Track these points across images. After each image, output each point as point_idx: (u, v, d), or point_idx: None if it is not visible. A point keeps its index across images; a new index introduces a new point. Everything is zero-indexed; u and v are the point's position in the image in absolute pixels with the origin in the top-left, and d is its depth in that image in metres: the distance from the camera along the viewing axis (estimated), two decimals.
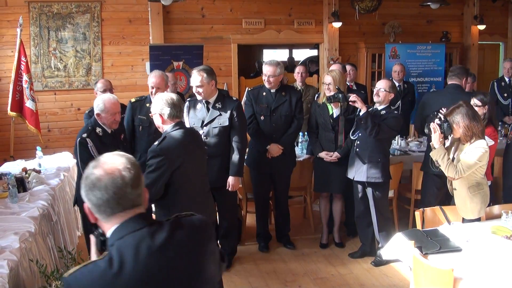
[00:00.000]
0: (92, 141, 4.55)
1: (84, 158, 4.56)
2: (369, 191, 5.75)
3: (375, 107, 5.69)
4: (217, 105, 5.39)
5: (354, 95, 5.55)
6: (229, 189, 5.45)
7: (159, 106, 4.11)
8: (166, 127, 4.15)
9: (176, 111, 4.12)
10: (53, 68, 8.70)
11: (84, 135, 4.57)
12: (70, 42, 8.70)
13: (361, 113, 5.48)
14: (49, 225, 5.00)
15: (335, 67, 6.65)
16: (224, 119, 5.36)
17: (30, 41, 8.48)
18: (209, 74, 5.25)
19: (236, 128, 5.40)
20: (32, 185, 5.52)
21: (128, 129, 5.67)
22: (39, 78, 8.60)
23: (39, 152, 6.52)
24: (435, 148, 4.68)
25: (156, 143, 4.06)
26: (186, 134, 4.17)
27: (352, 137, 5.81)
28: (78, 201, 4.92)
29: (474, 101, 5.35)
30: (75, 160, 6.12)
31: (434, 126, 4.67)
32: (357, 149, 5.71)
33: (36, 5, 8.44)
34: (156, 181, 3.97)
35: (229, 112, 5.36)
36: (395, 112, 5.64)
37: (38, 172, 5.96)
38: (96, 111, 4.65)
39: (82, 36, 8.74)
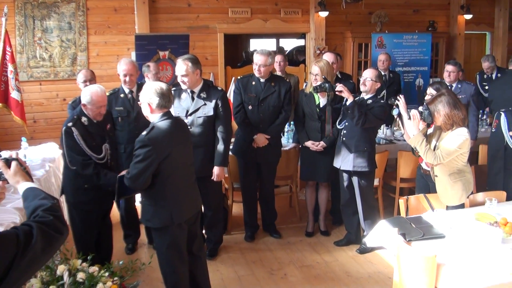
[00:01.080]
0: (77, 130, 4.53)
1: (70, 147, 4.56)
2: (355, 180, 5.78)
3: (361, 96, 5.71)
4: (202, 94, 5.38)
5: (341, 84, 5.56)
6: (214, 179, 5.45)
7: (148, 95, 4.11)
8: (154, 117, 4.15)
9: (164, 101, 4.12)
10: (39, 58, 8.62)
11: (70, 124, 4.54)
12: (55, 32, 8.63)
13: (347, 103, 5.49)
14: None
15: (327, 56, 6.63)
16: (208, 109, 5.35)
17: (15, 31, 8.38)
18: (194, 63, 5.23)
19: (221, 118, 5.39)
20: None
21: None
22: (25, 68, 8.52)
23: (24, 143, 6.48)
24: (413, 135, 4.73)
25: (144, 133, 4.05)
26: (174, 124, 4.17)
27: (338, 127, 5.82)
28: (65, 191, 4.92)
29: (430, 90, 5.40)
30: (60, 151, 6.11)
31: (413, 113, 4.72)
32: (344, 138, 5.73)
33: None
34: (144, 171, 3.99)
35: (214, 101, 5.35)
36: (381, 101, 5.67)
37: (23, 163, 5.91)
38: (82, 102, 4.63)
39: (68, 25, 8.67)
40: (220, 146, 5.39)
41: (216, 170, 5.44)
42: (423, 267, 3.56)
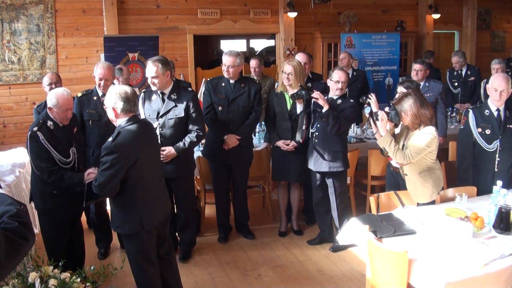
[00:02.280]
0: (43, 135, 4.47)
1: (36, 153, 4.50)
2: (329, 180, 5.81)
3: (330, 96, 5.74)
4: (172, 96, 5.35)
5: (318, 92, 5.57)
6: (164, 154, 5.27)
7: (112, 100, 4.04)
8: (119, 121, 4.09)
9: (129, 105, 4.05)
10: (7, 61, 8.49)
11: (35, 129, 4.48)
12: (24, 34, 8.51)
13: (323, 110, 5.51)
14: None
15: (300, 56, 6.64)
16: (179, 110, 5.33)
17: None
18: (164, 64, 5.21)
19: (193, 119, 5.36)
20: None
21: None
22: None
23: None
24: (381, 136, 4.78)
25: (110, 139, 3.98)
26: (140, 128, 4.11)
27: (311, 130, 5.85)
28: (34, 197, 4.85)
29: (401, 89, 5.47)
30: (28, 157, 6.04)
31: (381, 114, 4.77)
32: (316, 140, 5.75)
33: None
34: (112, 179, 3.93)
35: (184, 103, 5.32)
36: (351, 101, 5.70)
37: None
38: (48, 105, 4.56)
39: (36, 27, 8.56)
40: (189, 140, 5.33)
41: (170, 149, 5.31)
42: (394, 263, 3.60)
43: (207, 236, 6.45)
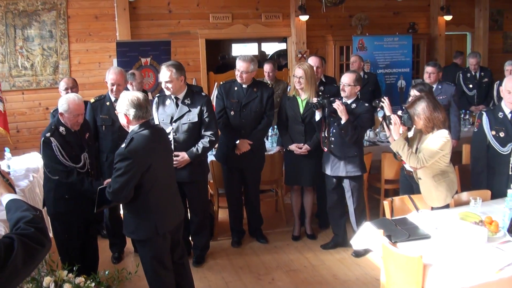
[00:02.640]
0: (56, 140, 4.49)
1: (50, 157, 4.52)
2: (346, 184, 5.79)
3: (344, 101, 5.72)
4: (186, 101, 5.37)
5: (339, 102, 5.54)
6: (177, 160, 5.28)
7: (124, 106, 4.06)
8: (132, 127, 4.11)
9: (142, 112, 4.06)
10: (20, 67, 8.57)
11: (48, 134, 4.49)
12: (36, 40, 8.58)
13: (342, 122, 5.50)
14: None
15: (312, 60, 6.63)
16: (193, 115, 5.33)
17: None
18: (178, 69, 5.22)
19: (206, 124, 5.37)
20: None
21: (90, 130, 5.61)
22: (7, 77, 8.47)
23: (7, 154, 6.40)
24: (394, 140, 4.76)
25: (123, 145, 4.01)
26: (153, 134, 4.12)
27: (327, 135, 5.83)
28: (46, 202, 4.87)
29: (414, 92, 5.42)
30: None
31: (394, 118, 4.75)
32: (332, 146, 5.74)
33: (2, 3, 8.30)
34: (126, 185, 3.95)
35: (198, 107, 5.33)
36: (366, 104, 5.67)
37: (7, 173, 5.86)
38: (59, 111, 4.58)
39: (49, 33, 8.63)
40: (202, 145, 5.34)
41: (183, 155, 5.32)
42: (409, 268, 3.57)
43: (220, 240, 6.45)
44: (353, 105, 5.67)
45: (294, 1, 9.85)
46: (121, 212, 5.63)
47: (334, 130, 5.69)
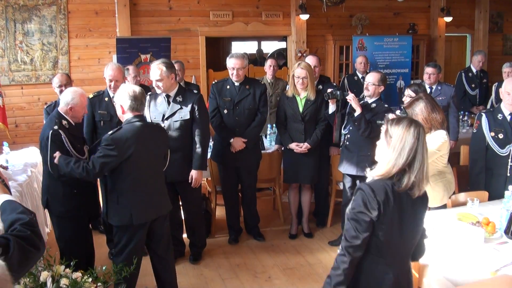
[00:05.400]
0: (63, 133, 4.51)
1: (59, 151, 4.51)
2: (358, 183, 5.80)
3: (365, 100, 5.74)
4: (177, 98, 5.37)
5: (352, 95, 5.59)
6: (192, 183, 5.43)
7: (121, 97, 4.29)
8: (125, 118, 4.31)
9: (136, 104, 4.29)
10: (20, 61, 8.55)
11: (56, 127, 4.47)
12: (36, 35, 8.56)
13: (355, 114, 5.52)
14: None
15: (310, 59, 6.63)
16: (185, 113, 5.34)
17: None
18: (168, 67, 5.23)
19: (198, 121, 5.38)
20: None
21: (88, 125, 5.62)
22: (6, 72, 8.45)
23: (5, 148, 6.39)
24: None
25: (110, 132, 4.23)
26: (143, 127, 4.32)
27: (343, 132, 5.85)
28: (52, 201, 4.72)
29: (408, 92, 5.41)
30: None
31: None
32: (347, 143, 5.77)
33: None
34: (102, 167, 4.17)
35: (190, 105, 5.34)
36: (386, 105, 5.67)
37: (5, 168, 5.84)
38: (69, 105, 4.57)
39: (49, 28, 8.61)
40: (198, 150, 5.39)
41: (194, 173, 5.42)
42: None
43: (217, 237, 6.46)
44: (373, 105, 5.68)
45: (295, 0, 9.83)
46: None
47: (351, 128, 5.70)
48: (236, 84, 5.96)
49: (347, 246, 2.86)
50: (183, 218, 5.82)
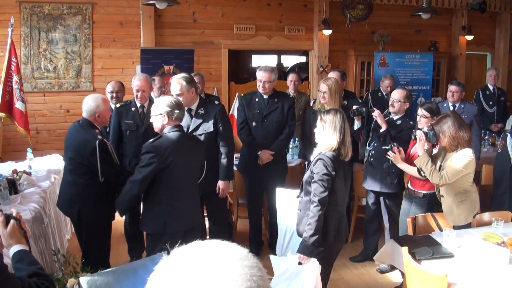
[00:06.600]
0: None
1: (103, 160, 4.56)
2: (382, 200, 5.80)
3: (391, 116, 5.74)
4: (199, 111, 5.39)
5: (378, 111, 5.60)
6: (220, 193, 5.45)
7: (166, 107, 4.27)
8: (166, 128, 4.31)
9: (181, 113, 4.36)
10: (43, 69, 8.65)
11: (100, 137, 4.58)
12: (60, 44, 8.66)
13: (381, 130, 5.53)
14: (40, 228, 4.96)
15: (333, 74, 6.65)
16: (208, 125, 5.36)
17: (21, 42, 8.42)
18: (189, 82, 5.21)
19: (222, 133, 5.40)
20: (23, 187, 5.48)
21: (114, 135, 5.68)
22: (29, 79, 8.54)
23: (29, 154, 6.46)
24: (419, 156, 4.78)
25: (151, 140, 4.27)
26: (182, 137, 4.35)
27: (368, 148, 5.85)
28: (86, 209, 4.70)
29: (422, 112, 5.34)
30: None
31: (420, 134, 4.77)
32: (372, 159, 5.77)
33: (27, 5, 8.40)
34: (147, 176, 4.20)
35: (212, 117, 5.37)
36: (411, 122, 5.66)
37: (29, 174, 5.90)
38: (96, 113, 4.62)
39: (73, 37, 8.70)
40: (223, 160, 5.41)
41: (221, 184, 5.44)
42: (433, 286, 3.57)
43: None
44: (399, 121, 5.68)
45: (318, 15, 9.88)
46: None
47: (376, 144, 5.70)
48: (265, 96, 5.98)
49: (319, 199, 4.03)
50: (207, 227, 5.82)
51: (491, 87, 8.93)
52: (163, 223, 4.30)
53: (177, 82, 5.20)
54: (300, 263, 4.10)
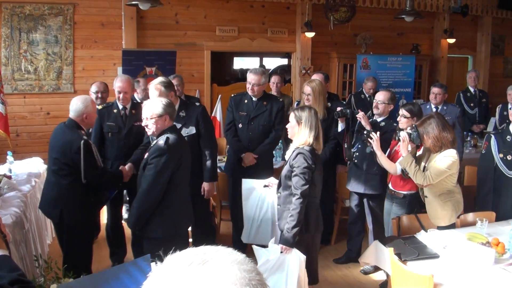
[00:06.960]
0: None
1: (88, 160, 4.52)
2: (366, 202, 5.79)
3: (374, 118, 5.75)
4: (180, 114, 5.36)
5: (362, 113, 5.62)
6: (205, 195, 5.41)
7: (165, 109, 4.23)
8: (164, 130, 4.25)
9: (174, 113, 4.40)
10: (23, 71, 8.51)
11: (85, 137, 4.54)
12: (41, 45, 8.54)
13: (365, 132, 5.51)
14: (21, 233, 4.88)
15: (317, 76, 6.64)
16: (190, 128, 5.34)
17: (1, 43, 8.29)
18: (167, 87, 5.14)
19: (204, 134, 5.39)
20: (3, 191, 5.37)
21: (96, 137, 5.59)
22: (9, 80, 8.39)
23: (9, 157, 6.35)
24: (402, 157, 4.79)
25: (160, 142, 4.15)
26: (181, 137, 4.40)
27: (352, 150, 5.85)
28: (70, 212, 4.63)
29: (403, 112, 5.36)
30: (45, 166, 6.03)
31: (404, 135, 4.78)
32: (356, 161, 5.77)
33: (8, 5, 8.26)
34: (163, 181, 4.14)
35: (194, 119, 5.35)
36: (394, 124, 5.68)
37: (9, 177, 5.80)
38: (84, 114, 4.58)
39: (54, 38, 8.59)
40: (207, 162, 5.39)
41: (206, 185, 5.41)
42: (420, 287, 3.56)
43: None
44: (382, 123, 5.69)
45: (301, 17, 9.88)
46: (123, 221, 5.64)
47: (360, 146, 5.70)
48: (254, 99, 5.95)
49: (301, 191, 4.21)
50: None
51: (472, 89, 8.99)
52: (173, 224, 4.26)
53: (155, 88, 5.13)
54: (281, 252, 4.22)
